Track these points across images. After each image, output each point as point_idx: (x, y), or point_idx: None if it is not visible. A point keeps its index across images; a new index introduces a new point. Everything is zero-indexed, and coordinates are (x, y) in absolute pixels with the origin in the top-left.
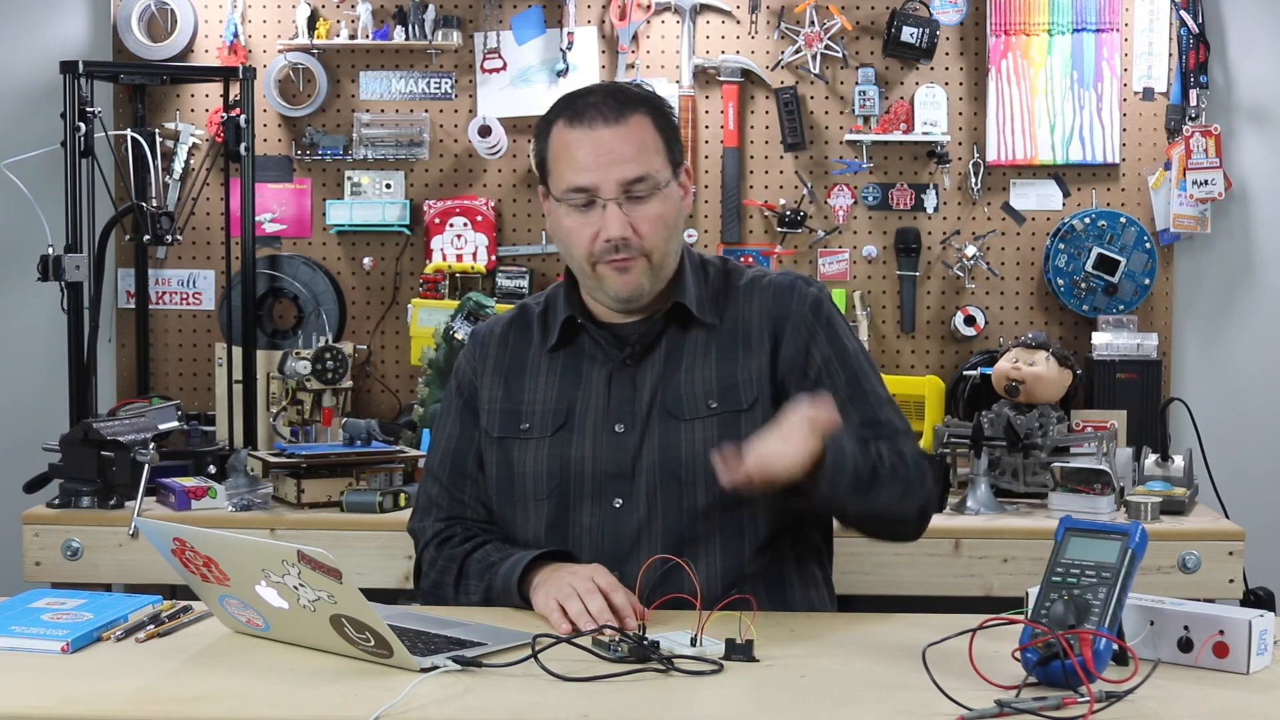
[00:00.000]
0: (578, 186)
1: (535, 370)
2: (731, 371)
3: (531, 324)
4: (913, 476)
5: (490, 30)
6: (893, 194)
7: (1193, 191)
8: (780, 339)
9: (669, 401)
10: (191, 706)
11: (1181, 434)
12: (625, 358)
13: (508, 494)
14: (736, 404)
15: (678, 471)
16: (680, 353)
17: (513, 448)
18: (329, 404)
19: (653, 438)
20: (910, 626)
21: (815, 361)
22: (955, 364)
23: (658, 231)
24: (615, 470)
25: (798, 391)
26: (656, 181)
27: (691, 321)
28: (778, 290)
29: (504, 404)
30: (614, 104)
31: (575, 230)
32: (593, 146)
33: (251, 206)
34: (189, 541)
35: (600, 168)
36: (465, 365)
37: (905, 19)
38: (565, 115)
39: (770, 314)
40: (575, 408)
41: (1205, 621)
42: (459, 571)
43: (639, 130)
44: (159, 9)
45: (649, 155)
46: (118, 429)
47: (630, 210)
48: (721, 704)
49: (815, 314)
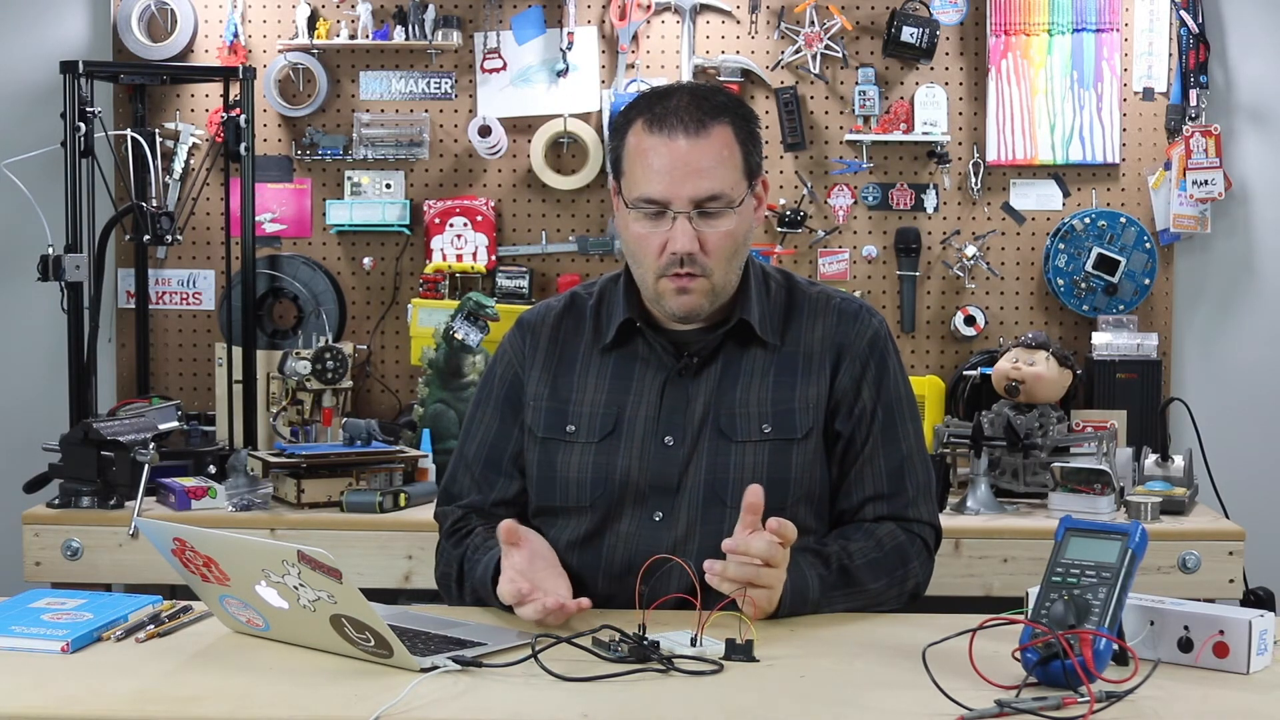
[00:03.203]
0: (650, 197)
1: (585, 369)
2: (789, 396)
3: (584, 317)
4: (893, 566)
5: (490, 30)
6: (893, 194)
7: (1193, 191)
8: (839, 368)
9: (721, 420)
10: (191, 706)
11: (1181, 434)
12: (680, 368)
13: (548, 496)
14: (791, 432)
15: (722, 494)
16: (738, 370)
17: (556, 450)
18: (329, 404)
19: (701, 456)
20: (910, 626)
21: (861, 400)
22: (955, 364)
23: (724, 249)
24: (660, 483)
25: (840, 427)
26: (730, 200)
27: (752, 338)
28: (842, 316)
29: (550, 401)
30: (696, 113)
31: (643, 239)
32: (670, 157)
33: (251, 206)
34: (189, 541)
35: (675, 182)
36: (511, 353)
37: (905, 19)
38: (645, 117)
39: (833, 341)
40: (624, 414)
41: (1205, 621)
42: (459, 569)
43: (718, 143)
44: (159, 9)
45: (725, 170)
46: (118, 429)
47: (700, 226)
48: (721, 704)
49: (871, 349)
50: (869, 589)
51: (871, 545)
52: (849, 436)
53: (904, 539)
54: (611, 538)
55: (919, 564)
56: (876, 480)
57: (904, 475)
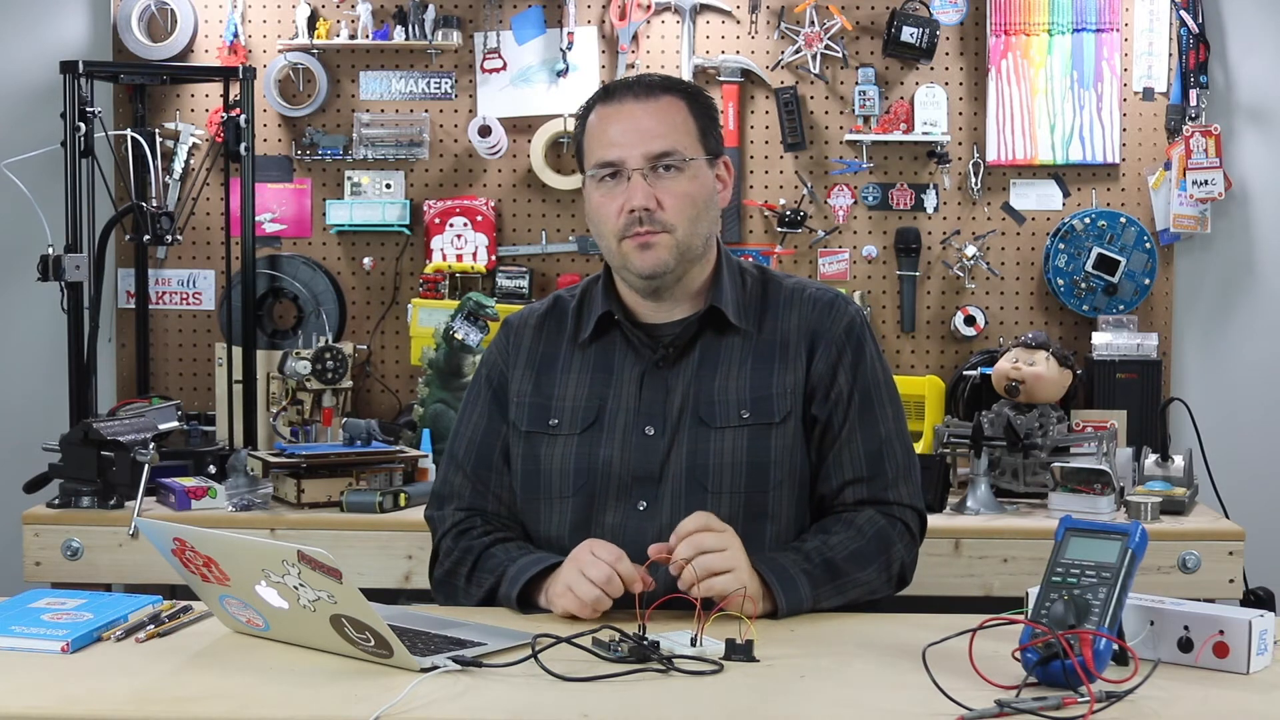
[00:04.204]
0: (605, 161)
1: (566, 365)
2: (766, 382)
3: (565, 316)
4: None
5: (490, 30)
6: (893, 194)
7: (1193, 191)
8: (814, 354)
9: (701, 408)
10: (191, 706)
11: (1181, 434)
12: (659, 359)
13: (532, 489)
14: (769, 416)
15: (704, 479)
16: (715, 359)
17: (540, 443)
18: (329, 404)
19: (682, 443)
20: (910, 626)
21: (838, 384)
22: (955, 364)
23: (683, 208)
24: (642, 473)
25: (816, 411)
26: (684, 158)
27: (728, 328)
28: (818, 305)
29: (533, 397)
30: (647, 84)
31: (602, 205)
32: (621, 121)
33: (251, 206)
34: (189, 541)
35: (628, 143)
36: (496, 354)
37: (905, 19)
38: (600, 97)
39: (809, 328)
40: (606, 407)
41: (1205, 621)
42: (474, 564)
43: (669, 109)
44: (159, 9)
45: (678, 134)
46: (118, 429)
47: (656, 183)
48: (721, 704)
49: (848, 335)
50: (856, 578)
51: (852, 535)
52: (826, 421)
53: (884, 523)
54: (597, 530)
55: (902, 546)
56: (855, 463)
57: (883, 458)
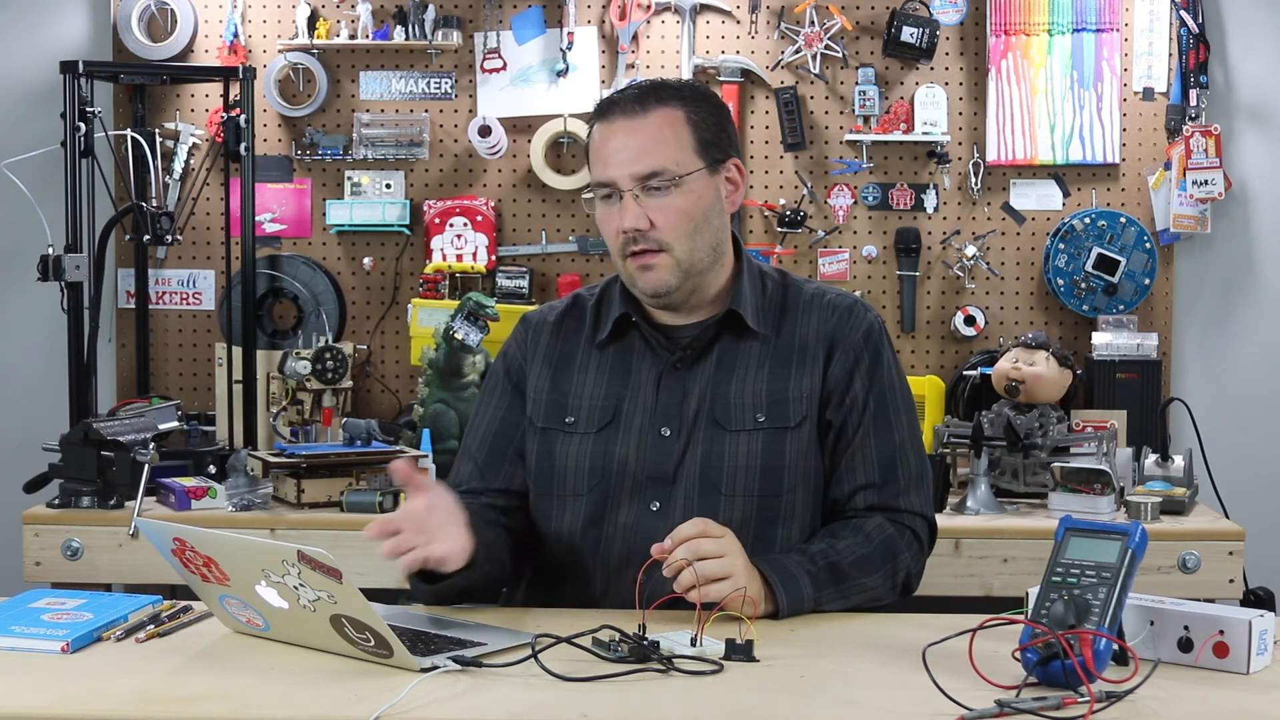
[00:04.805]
0: (600, 181)
1: (584, 364)
2: (783, 387)
3: (584, 315)
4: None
5: (490, 30)
6: (893, 194)
7: (1193, 191)
8: (832, 359)
9: (717, 411)
10: (191, 706)
11: (1181, 434)
12: (676, 361)
13: (546, 485)
14: (784, 420)
15: (718, 482)
16: (733, 362)
17: (555, 440)
18: (329, 404)
19: (697, 445)
20: (910, 626)
21: (854, 390)
22: (955, 364)
23: (677, 225)
24: (656, 473)
25: (831, 416)
26: (674, 175)
27: (746, 331)
28: (837, 310)
29: (550, 394)
30: (638, 97)
31: (604, 223)
32: (612, 140)
33: (251, 206)
34: (189, 541)
35: (618, 163)
36: (515, 349)
37: (905, 19)
38: (597, 114)
39: (827, 334)
40: (622, 407)
41: (1205, 621)
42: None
43: (659, 122)
44: (159, 9)
45: (668, 149)
46: (118, 429)
47: (647, 202)
48: (721, 704)
49: (866, 341)
50: (861, 583)
51: (860, 540)
52: (840, 426)
53: (892, 531)
54: (610, 528)
55: (909, 555)
56: (868, 469)
57: (895, 465)
